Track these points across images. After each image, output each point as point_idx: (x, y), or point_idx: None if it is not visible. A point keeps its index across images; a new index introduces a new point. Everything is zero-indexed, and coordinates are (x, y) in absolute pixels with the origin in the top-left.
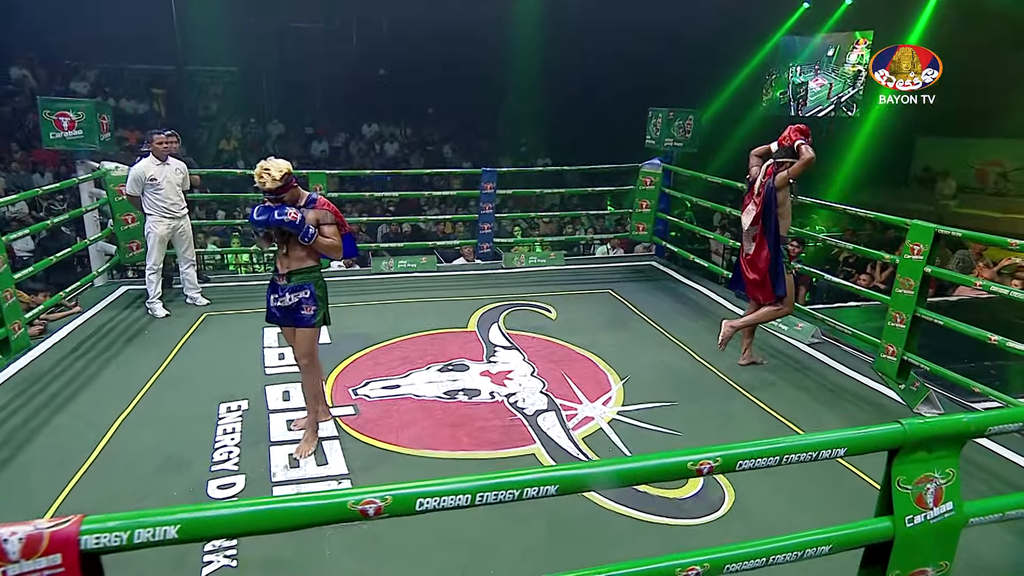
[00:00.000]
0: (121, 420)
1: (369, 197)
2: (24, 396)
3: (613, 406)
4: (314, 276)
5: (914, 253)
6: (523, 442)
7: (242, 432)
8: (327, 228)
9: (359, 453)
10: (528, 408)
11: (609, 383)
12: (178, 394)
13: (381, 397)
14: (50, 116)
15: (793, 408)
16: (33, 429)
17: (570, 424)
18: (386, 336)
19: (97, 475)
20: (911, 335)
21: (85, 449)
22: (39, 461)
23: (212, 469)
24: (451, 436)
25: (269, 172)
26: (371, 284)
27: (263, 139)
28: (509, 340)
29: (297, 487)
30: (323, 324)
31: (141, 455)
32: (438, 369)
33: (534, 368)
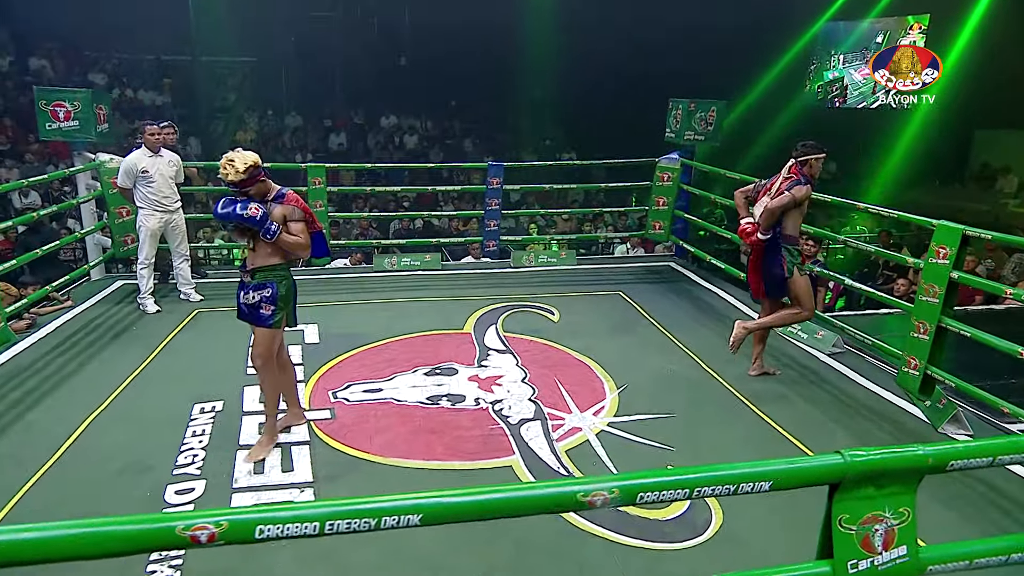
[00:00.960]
0: (92, 418)
1: (371, 192)
2: (1, 391)
3: (605, 416)
4: (278, 275)
5: (939, 257)
6: (501, 453)
7: (211, 434)
8: (294, 225)
9: (328, 460)
10: (513, 416)
11: (604, 391)
12: (154, 393)
13: (360, 401)
14: (46, 106)
15: (802, 425)
16: (4, 425)
17: (555, 435)
18: (377, 337)
19: (58, 475)
20: (936, 347)
21: (52, 447)
22: (5, 458)
23: (174, 473)
24: (426, 444)
25: (233, 164)
26: (372, 282)
27: (280, 131)
28: (504, 343)
29: (257, 494)
30: (284, 326)
31: (106, 455)
32: (425, 373)
33: (526, 374)
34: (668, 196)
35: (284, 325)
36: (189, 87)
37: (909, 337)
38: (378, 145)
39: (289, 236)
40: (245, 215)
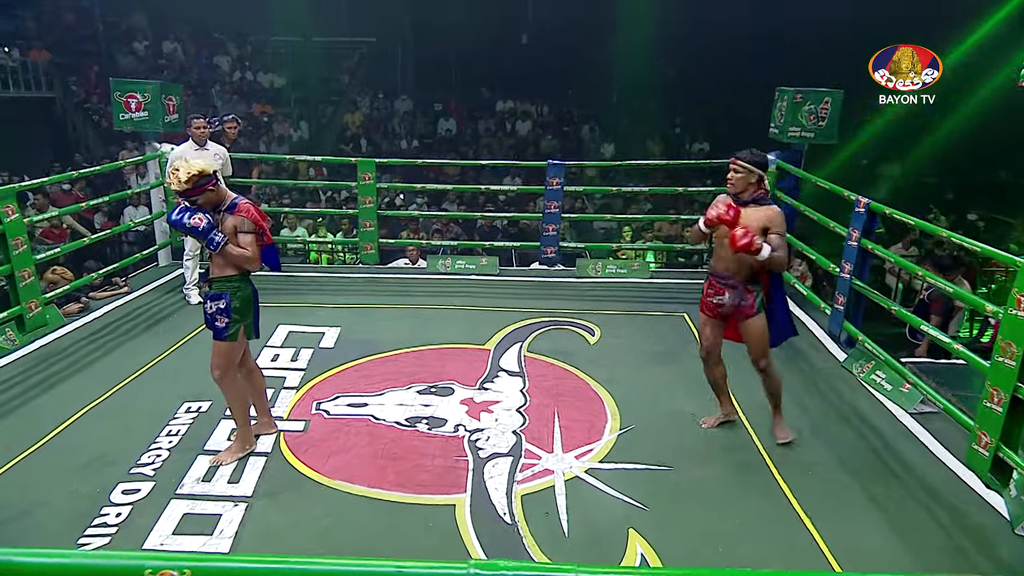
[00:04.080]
0: (88, 409)
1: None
2: (27, 374)
3: (588, 460)
4: (232, 286)
5: (1020, 308)
6: (452, 489)
7: (183, 436)
8: (243, 237)
9: (276, 476)
10: (486, 449)
11: (603, 431)
12: (152, 388)
13: (340, 415)
14: (120, 97)
15: (828, 505)
16: (14, 407)
17: (520, 475)
18: (393, 346)
19: (30, 462)
20: (1012, 423)
21: (40, 434)
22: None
23: (131, 471)
24: (379, 470)
25: (177, 172)
26: (420, 285)
27: (389, 116)
28: (519, 366)
29: (192, 503)
30: (242, 337)
31: (80, 448)
32: (418, 390)
33: (525, 402)
34: None
35: (244, 336)
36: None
37: (981, 405)
38: (488, 131)
39: (235, 249)
40: (187, 225)
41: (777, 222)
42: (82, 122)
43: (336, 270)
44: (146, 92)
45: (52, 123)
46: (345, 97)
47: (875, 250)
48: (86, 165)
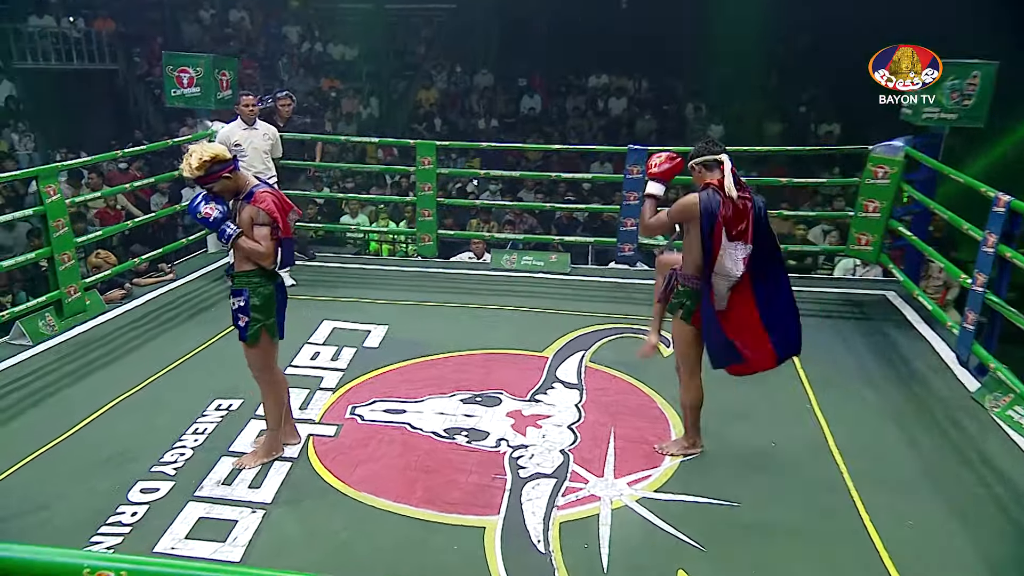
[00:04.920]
0: (118, 401)
1: (486, 175)
2: (62, 361)
3: (642, 488)
4: (252, 282)
5: None
6: (484, 510)
7: (209, 435)
8: (258, 230)
9: (299, 483)
10: (528, 468)
11: (661, 457)
12: (185, 382)
13: (374, 421)
14: (172, 71)
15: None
16: (45, 396)
17: (562, 499)
18: (441, 349)
19: (54, 454)
20: None
21: (68, 425)
22: (27, 427)
23: (151, 469)
24: (407, 484)
25: (190, 158)
26: (478, 281)
27: (467, 92)
28: (578, 377)
29: (210, 506)
30: (265, 339)
31: (104, 442)
32: (462, 399)
33: (579, 418)
34: (882, 199)
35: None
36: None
37: None
38: (576, 111)
39: (246, 242)
40: (199, 215)
41: (679, 205)
42: (143, 96)
43: (393, 263)
44: (199, 66)
45: (115, 97)
46: (420, 71)
47: (1015, 259)
48: (146, 143)
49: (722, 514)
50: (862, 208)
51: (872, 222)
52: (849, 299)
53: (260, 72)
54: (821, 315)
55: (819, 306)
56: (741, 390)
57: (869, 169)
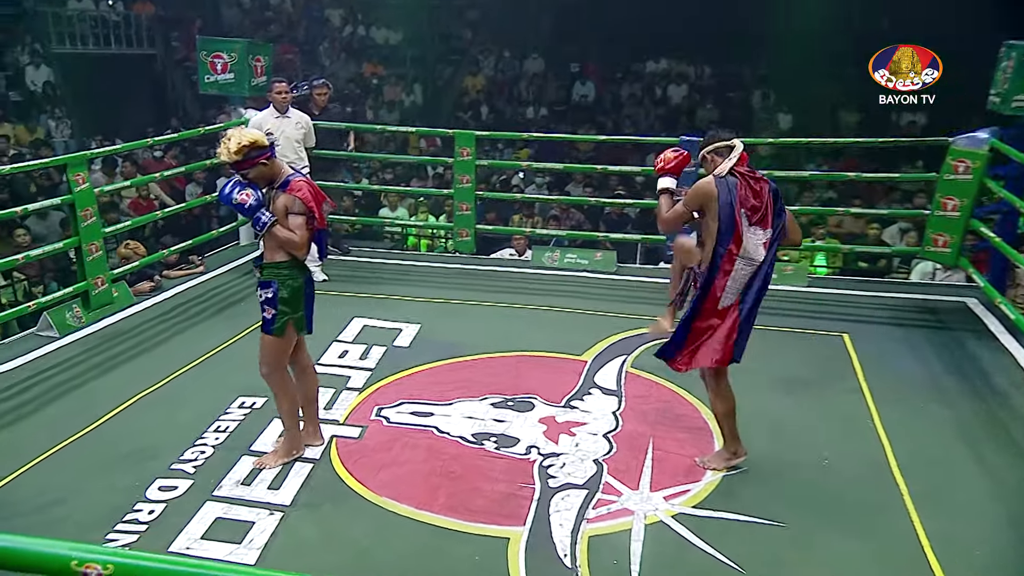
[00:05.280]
0: (141, 396)
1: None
2: (88, 353)
3: (679, 503)
4: (282, 274)
5: None
6: (509, 520)
7: (231, 433)
8: (293, 219)
9: (319, 486)
10: (558, 478)
11: (703, 470)
12: (210, 378)
13: (400, 424)
14: (206, 57)
15: None
16: (69, 389)
17: (593, 512)
18: (474, 350)
19: (75, 448)
20: None
21: (90, 420)
22: (49, 421)
23: (171, 467)
24: (430, 490)
25: (228, 142)
26: (518, 280)
27: (516, 78)
28: (618, 383)
29: (228, 507)
30: (292, 333)
31: (126, 437)
32: (492, 403)
33: (616, 426)
34: (962, 197)
35: (293, 331)
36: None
37: None
38: (632, 98)
39: (281, 231)
40: (234, 201)
41: (695, 190)
42: (181, 82)
43: (429, 258)
44: (233, 52)
45: (153, 83)
46: (466, 56)
47: None
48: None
49: (765, 534)
50: (939, 206)
51: (950, 222)
52: (924, 306)
53: (300, 57)
54: (891, 322)
55: (889, 312)
56: (792, 401)
57: (948, 163)
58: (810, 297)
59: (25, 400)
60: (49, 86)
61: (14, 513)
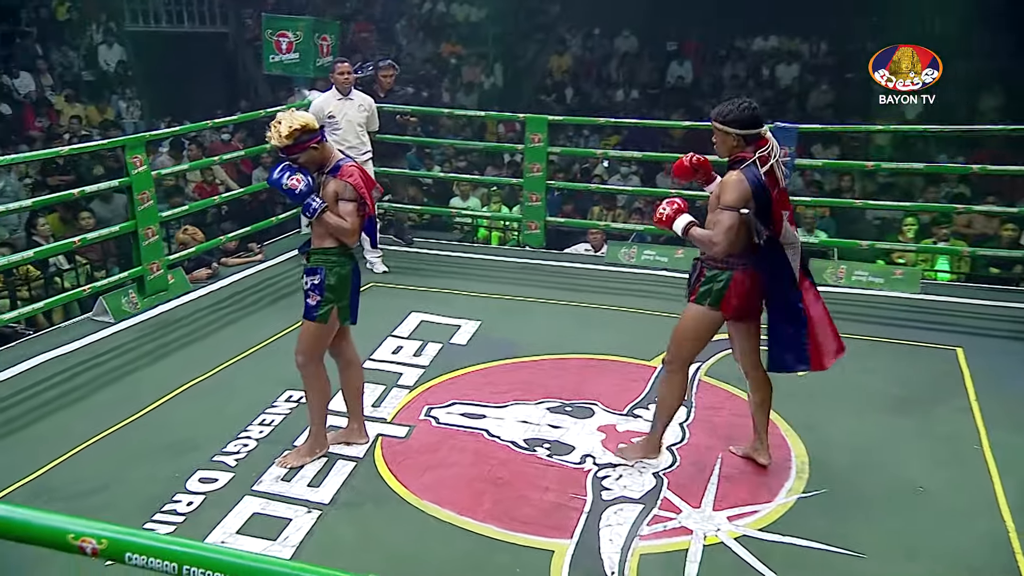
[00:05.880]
0: (189, 386)
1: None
2: (140, 341)
3: (745, 525)
4: (330, 261)
5: None
6: (556, 532)
7: (276, 427)
8: (343, 205)
9: (360, 485)
10: (613, 490)
11: (777, 491)
12: (259, 369)
13: (449, 425)
14: (271, 36)
15: None
16: (118, 376)
17: (648, 528)
18: (534, 351)
19: (120, 437)
20: None
21: (136, 408)
22: (94, 408)
23: (213, 459)
24: (474, 496)
25: (279, 126)
26: (590, 277)
27: (605, 57)
28: (689, 393)
29: (266, 502)
30: (334, 321)
31: (170, 427)
32: (549, 407)
33: (682, 439)
34: None
35: (336, 320)
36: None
37: None
38: (735, 80)
39: (332, 217)
40: (284, 186)
41: (726, 190)
42: (252, 62)
43: (496, 252)
44: (298, 30)
45: (225, 62)
46: (552, 34)
47: None
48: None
49: (840, 564)
50: None
51: None
52: None
53: (376, 36)
54: (1013, 336)
55: (1011, 325)
56: (891, 420)
57: None
58: (922, 305)
59: (76, 385)
60: (121, 65)
61: (55, 497)
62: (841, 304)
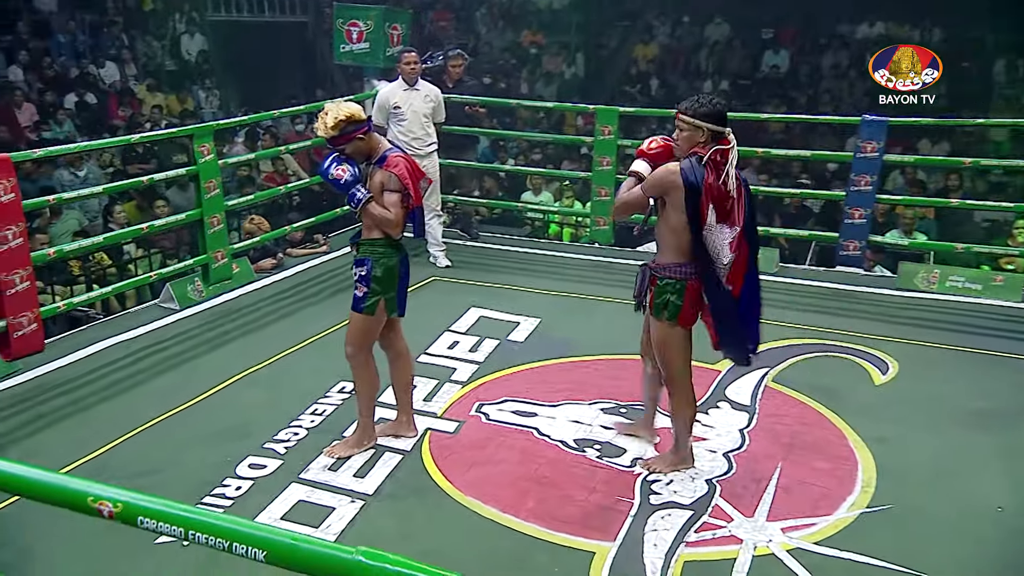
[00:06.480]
0: (245, 374)
1: None
2: (202, 328)
3: (799, 537)
4: (377, 252)
5: None
6: (599, 534)
7: (327, 417)
8: (388, 196)
9: (405, 478)
10: (662, 495)
11: (838, 504)
12: (314, 360)
13: (499, 422)
14: (343, 25)
15: None
16: (178, 363)
17: (695, 535)
18: (593, 350)
19: (175, 421)
20: None
21: (191, 394)
22: (153, 392)
23: (264, 446)
24: (518, 494)
25: (325, 116)
26: None
27: (695, 47)
28: (753, 398)
29: (311, 490)
30: (382, 313)
31: (224, 412)
32: (602, 408)
33: (741, 445)
34: None
35: (384, 312)
36: None
37: None
38: (835, 69)
39: (376, 208)
40: (330, 176)
41: (653, 175)
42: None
43: (563, 248)
44: (369, 19)
45: (304, 52)
46: (638, 21)
47: None
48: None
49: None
50: None
51: None
52: None
53: (454, 24)
54: None
55: None
56: (976, 437)
57: None
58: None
59: (140, 369)
60: (202, 55)
61: (113, 476)
62: (932, 311)
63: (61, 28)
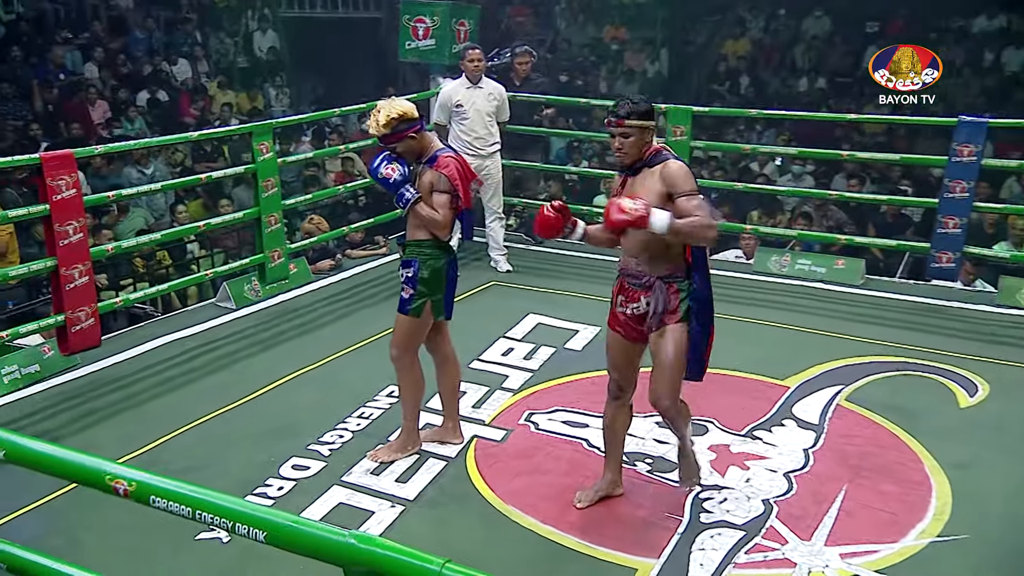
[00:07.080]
0: (295, 375)
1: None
2: (257, 328)
3: (859, 564)
4: (424, 253)
5: None
6: (642, 551)
7: (373, 420)
8: (437, 197)
9: (448, 485)
10: (713, 513)
11: (906, 530)
12: (365, 363)
13: (548, 431)
14: (409, 22)
15: None
16: (230, 363)
17: (745, 557)
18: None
19: (223, 420)
20: None
21: (241, 393)
22: (204, 391)
23: (308, 447)
24: (562, 506)
25: (377, 114)
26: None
27: (791, 41)
28: (821, 417)
29: (352, 493)
30: (428, 316)
31: (272, 412)
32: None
33: (804, 465)
34: None
35: (430, 315)
36: None
37: None
38: (949, 67)
39: (424, 208)
40: (379, 175)
41: (681, 178)
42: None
43: None
44: (435, 15)
45: (376, 49)
46: (728, 15)
47: None
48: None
49: None
50: None
51: None
52: None
53: (532, 19)
54: None
55: None
56: None
57: None
58: None
59: (193, 367)
60: (272, 51)
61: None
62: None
63: (138, 25)
